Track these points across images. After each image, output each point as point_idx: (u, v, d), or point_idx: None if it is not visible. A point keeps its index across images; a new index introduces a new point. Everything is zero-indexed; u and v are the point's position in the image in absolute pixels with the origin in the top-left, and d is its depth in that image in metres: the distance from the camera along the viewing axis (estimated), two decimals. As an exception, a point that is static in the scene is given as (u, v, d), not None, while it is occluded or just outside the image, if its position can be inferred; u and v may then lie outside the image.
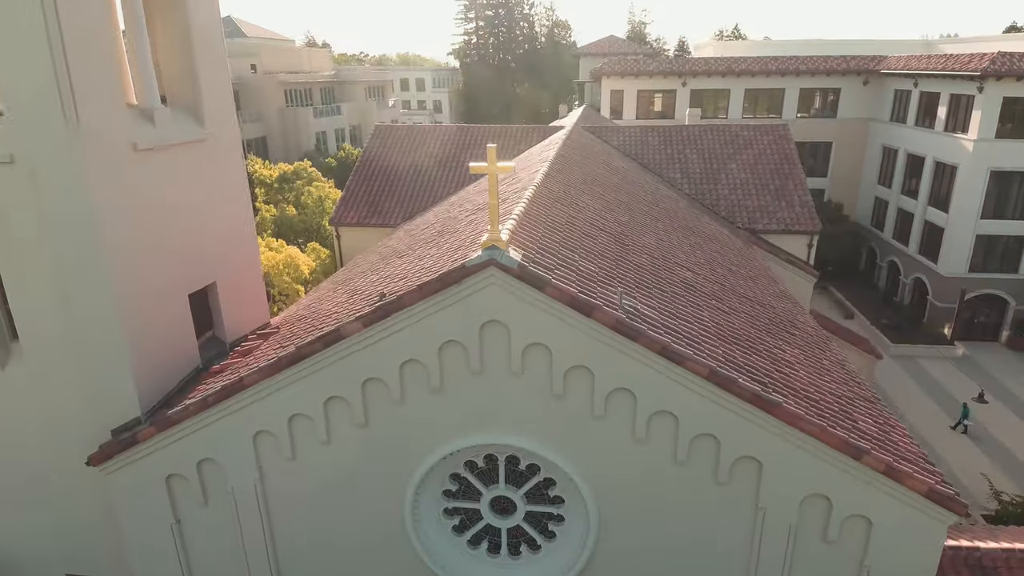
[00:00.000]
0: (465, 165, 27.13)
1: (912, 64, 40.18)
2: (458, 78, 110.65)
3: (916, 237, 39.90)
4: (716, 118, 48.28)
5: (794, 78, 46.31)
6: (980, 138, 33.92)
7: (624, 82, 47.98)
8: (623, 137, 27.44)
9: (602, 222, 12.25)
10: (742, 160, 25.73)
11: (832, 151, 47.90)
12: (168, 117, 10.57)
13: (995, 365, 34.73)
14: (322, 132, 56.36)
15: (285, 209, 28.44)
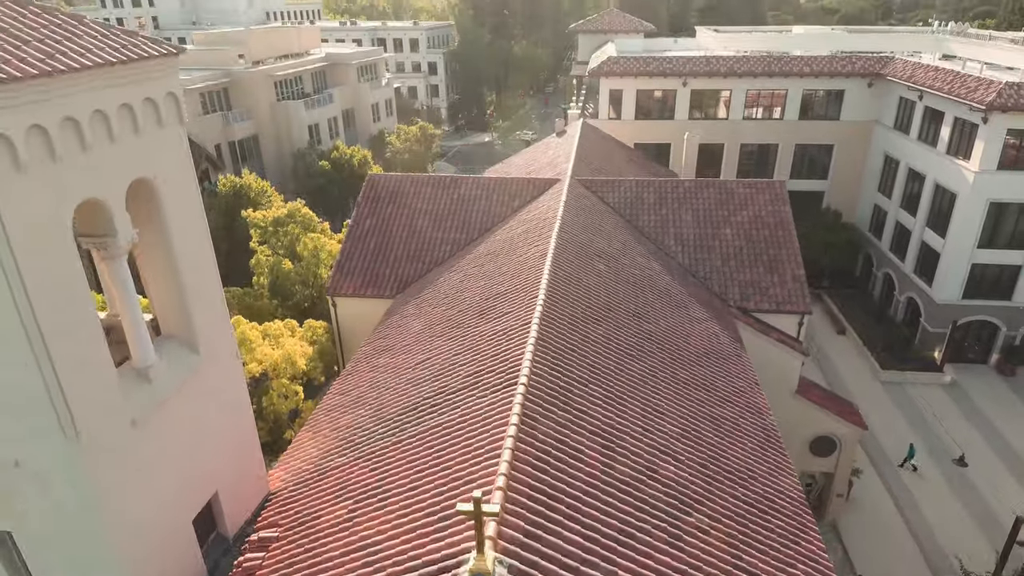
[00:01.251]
0: (459, 220, 27.04)
1: (918, 76, 39.20)
2: (453, 36, 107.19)
3: (913, 255, 39.94)
4: (716, 118, 47.44)
5: (797, 79, 45.15)
6: (982, 169, 33.53)
7: (623, 81, 46.76)
8: (619, 194, 27.16)
9: (589, 423, 12.54)
10: (737, 223, 25.62)
11: (834, 153, 47.22)
12: (163, 369, 10.71)
13: (983, 394, 35.49)
14: (315, 124, 55.23)
15: (280, 262, 28.40)
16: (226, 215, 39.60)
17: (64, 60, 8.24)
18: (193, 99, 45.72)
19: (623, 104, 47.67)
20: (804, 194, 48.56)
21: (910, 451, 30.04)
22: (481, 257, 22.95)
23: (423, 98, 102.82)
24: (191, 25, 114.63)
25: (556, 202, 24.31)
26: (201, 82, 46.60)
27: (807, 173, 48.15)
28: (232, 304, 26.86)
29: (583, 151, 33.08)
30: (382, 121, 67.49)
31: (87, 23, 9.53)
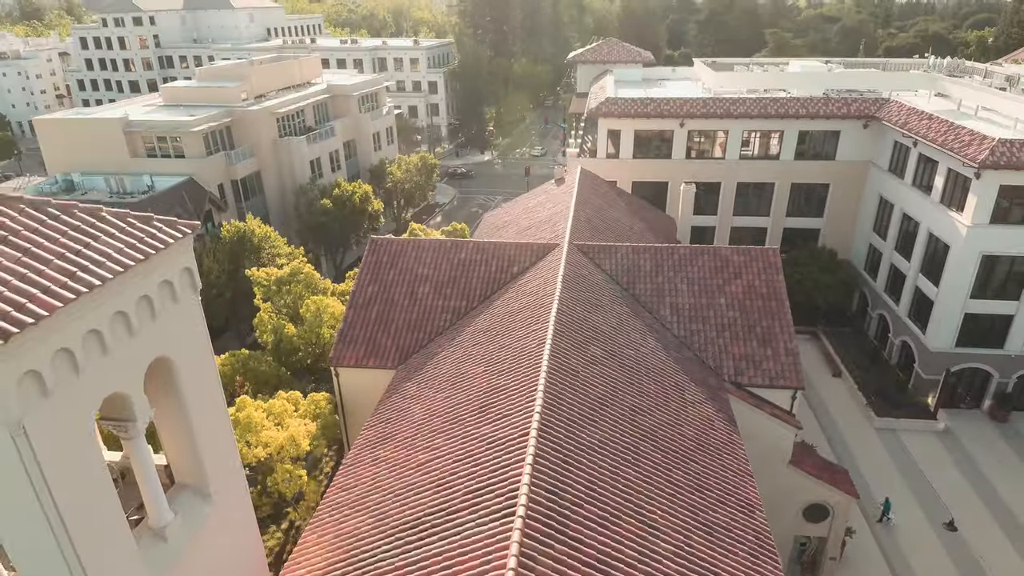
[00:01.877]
0: (460, 287, 27.57)
1: (912, 123, 39.73)
2: (453, 54, 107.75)
3: (907, 299, 40.46)
4: (713, 158, 47.98)
5: (793, 120, 45.68)
6: (975, 223, 34.05)
7: (621, 122, 47.31)
8: (616, 260, 27.68)
9: (584, 553, 13.06)
10: (731, 293, 26.14)
11: (829, 192, 47.76)
12: (178, 525, 11.21)
13: (975, 442, 36.00)
14: (316, 159, 55.76)
15: (284, 326, 28.93)
16: (230, 261, 40.20)
17: (86, 278, 8.76)
18: (197, 141, 46.28)
19: (621, 143, 48.23)
20: (800, 231, 49.27)
21: (886, 505, 30.66)
22: (481, 333, 23.48)
23: (423, 117, 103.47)
24: (192, 43, 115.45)
25: (554, 274, 24.85)
26: (206, 123, 47.12)
27: (803, 211, 48.70)
28: (237, 369, 27.39)
29: (581, 205, 33.62)
30: (383, 149, 68.01)
31: (104, 217, 10.05)
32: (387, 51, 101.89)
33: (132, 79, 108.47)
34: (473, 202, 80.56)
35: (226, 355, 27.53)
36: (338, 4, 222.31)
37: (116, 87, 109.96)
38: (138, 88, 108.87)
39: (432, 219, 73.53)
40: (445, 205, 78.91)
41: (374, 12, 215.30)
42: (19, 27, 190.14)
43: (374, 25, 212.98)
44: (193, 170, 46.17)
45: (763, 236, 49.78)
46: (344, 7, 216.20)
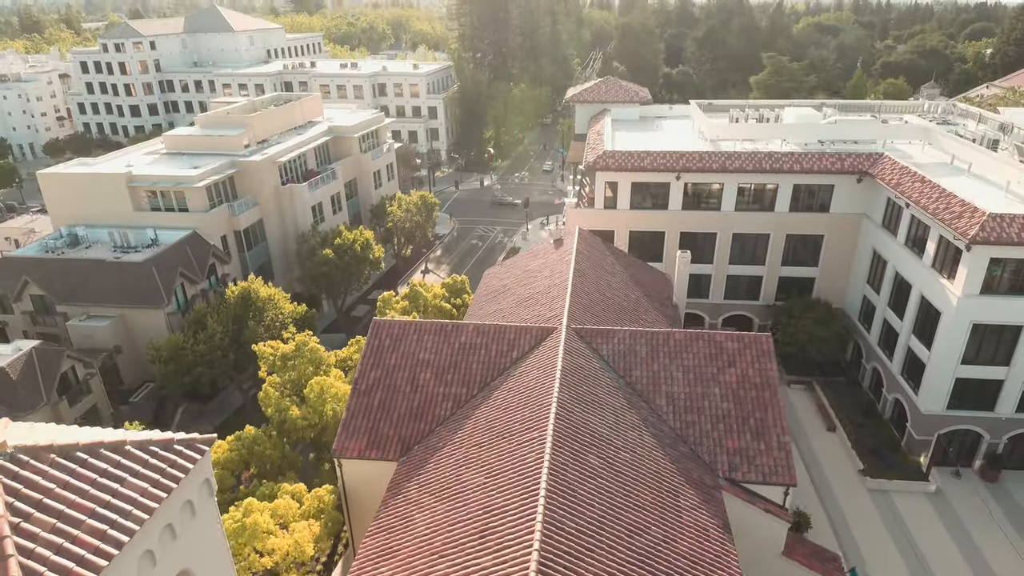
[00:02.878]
0: (460, 373, 28.20)
1: (905, 186, 40.38)
2: (453, 77, 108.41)
3: (899, 356, 41.13)
4: (709, 209, 48.64)
5: (788, 174, 46.38)
6: (966, 294, 34.71)
7: (618, 175, 48.00)
8: (612, 345, 28.33)
9: None
10: (725, 383, 26.79)
11: (824, 243, 48.44)
12: None
13: (966, 504, 36.67)
14: (318, 204, 56.40)
15: (288, 408, 29.57)
16: (234, 321, 40.80)
17: (117, 537, 9.39)
18: (200, 195, 46.91)
19: (618, 194, 48.94)
20: (795, 280, 49.98)
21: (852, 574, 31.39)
22: (481, 432, 24.10)
23: (423, 142, 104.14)
24: (192, 65, 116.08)
25: (552, 366, 25.51)
26: (209, 177, 47.75)
27: (798, 260, 49.40)
28: (243, 454, 28.01)
29: (579, 277, 34.26)
30: (383, 186, 68.68)
31: (128, 452, 10.65)
32: (387, 77, 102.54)
33: (133, 103, 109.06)
34: (472, 233, 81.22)
35: (232, 438, 28.16)
36: (338, 17, 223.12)
37: (117, 111, 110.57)
38: (139, 112, 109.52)
39: (432, 252, 74.24)
40: (444, 236, 79.57)
41: (373, 25, 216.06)
42: (19, 41, 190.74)
43: (373, 38, 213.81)
44: (196, 224, 46.80)
45: (759, 284, 50.53)
46: (344, 20, 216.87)
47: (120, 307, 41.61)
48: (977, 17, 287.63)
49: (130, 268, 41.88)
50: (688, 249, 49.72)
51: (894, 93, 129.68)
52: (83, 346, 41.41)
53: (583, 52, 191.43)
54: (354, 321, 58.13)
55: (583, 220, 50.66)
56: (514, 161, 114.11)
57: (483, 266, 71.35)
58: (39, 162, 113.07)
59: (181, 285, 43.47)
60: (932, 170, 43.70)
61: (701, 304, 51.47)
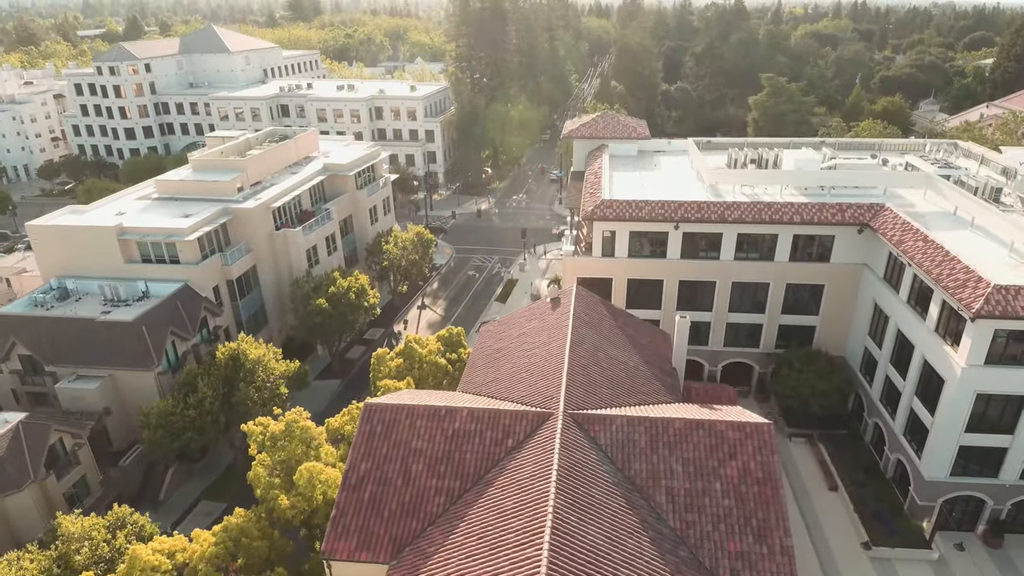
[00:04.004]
0: (454, 465, 27.50)
1: (907, 244, 39.71)
2: (450, 98, 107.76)
3: (902, 417, 40.48)
4: (708, 258, 48.00)
5: (788, 225, 45.76)
6: (970, 364, 34.06)
7: (616, 224, 47.38)
8: (611, 433, 27.66)
9: None
10: (727, 477, 26.10)
11: (824, 292, 47.82)
12: None
13: (969, 572, 36.01)
14: (312, 247, 55.67)
15: (277, 497, 28.86)
16: (225, 383, 40.10)
17: None
18: (192, 247, 46.20)
19: (616, 243, 48.33)
20: (796, 328, 49.35)
21: None
22: (475, 539, 23.41)
23: (420, 165, 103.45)
24: (188, 87, 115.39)
25: (549, 462, 24.85)
26: (201, 227, 47.06)
27: (799, 309, 48.79)
28: (229, 547, 27.31)
29: (576, 347, 33.59)
30: (380, 221, 68.02)
31: None
32: (384, 100, 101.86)
33: (128, 126, 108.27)
34: (469, 263, 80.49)
35: (218, 529, 27.47)
36: (335, 29, 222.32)
37: (112, 134, 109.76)
38: (134, 135, 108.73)
39: (429, 285, 73.52)
40: (442, 267, 78.84)
41: (371, 36, 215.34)
42: (15, 55, 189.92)
43: (371, 50, 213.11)
44: (188, 276, 46.10)
45: (759, 332, 49.92)
46: (341, 31, 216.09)
47: (109, 368, 40.86)
48: (976, 24, 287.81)
49: (119, 328, 41.14)
50: (687, 296, 49.79)
51: (893, 111, 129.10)
52: (72, 408, 40.70)
53: (581, 65, 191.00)
54: (349, 364, 57.41)
55: (581, 268, 50.12)
56: (512, 182, 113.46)
57: (480, 300, 70.72)
58: (33, 184, 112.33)
59: (172, 343, 42.75)
60: (934, 221, 43.19)
61: (700, 351, 50.84)
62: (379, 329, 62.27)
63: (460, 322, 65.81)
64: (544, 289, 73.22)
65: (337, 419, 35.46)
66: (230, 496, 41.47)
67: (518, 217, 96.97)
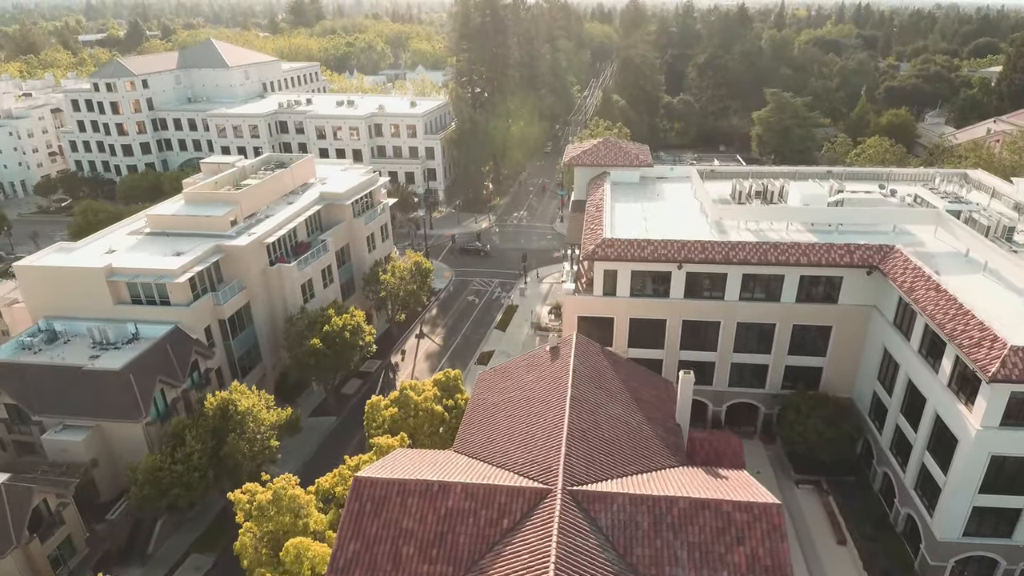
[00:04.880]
0: (447, 549, 26.31)
1: (919, 292, 38.38)
2: (451, 113, 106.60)
3: (913, 471, 39.20)
4: (712, 298, 46.77)
5: (794, 267, 44.51)
6: (985, 426, 32.79)
7: (618, 264, 46.17)
8: (612, 513, 26.40)
9: None
10: (734, 564, 24.86)
11: (832, 334, 46.57)
12: None
13: (984, 640, 34.76)
14: (308, 281, 54.52)
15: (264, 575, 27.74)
16: (214, 435, 38.96)
17: None
18: (183, 288, 45.08)
19: (618, 282, 47.13)
20: (802, 369, 48.08)
21: None
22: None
23: (420, 182, 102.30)
24: (187, 102, 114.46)
25: (547, 553, 23.66)
26: (192, 267, 45.93)
27: (805, 350, 47.52)
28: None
29: (577, 407, 32.43)
30: (377, 248, 66.86)
31: None
32: (383, 117, 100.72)
33: (125, 143, 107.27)
34: (469, 288, 79.26)
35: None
36: (336, 37, 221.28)
37: (109, 150, 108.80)
38: (131, 151, 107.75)
39: (427, 311, 72.33)
40: (441, 292, 77.65)
41: (372, 45, 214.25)
42: (14, 64, 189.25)
43: (372, 58, 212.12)
44: (178, 318, 44.97)
45: (764, 372, 48.69)
46: (343, 40, 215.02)
47: (97, 419, 39.75)
48: (981, 29, 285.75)
49: (106, 377, 40.01)
50: (691, 336, 48.55)
51: (899, 124, 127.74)
52: (58, 460, 39.60)
53: (584, 74, 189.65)
54: (344, 399, 56.24)
55: (581, 307, 48.91)
56: (513, 198, 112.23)
57: (480, 328, 69.46)
58: (30, 201, 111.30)
59: (161, 390, 41.63)
60: (946, 264, 41.94)
61: (704, 391, 49.60)
62: (376, 361, 61.10)
63: (459, 352, 64.63)
64: (544, 316, 72.06)
65: (328, 479, 34.29)
66: (220, 548, 40.38)
67: (519, 236, 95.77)
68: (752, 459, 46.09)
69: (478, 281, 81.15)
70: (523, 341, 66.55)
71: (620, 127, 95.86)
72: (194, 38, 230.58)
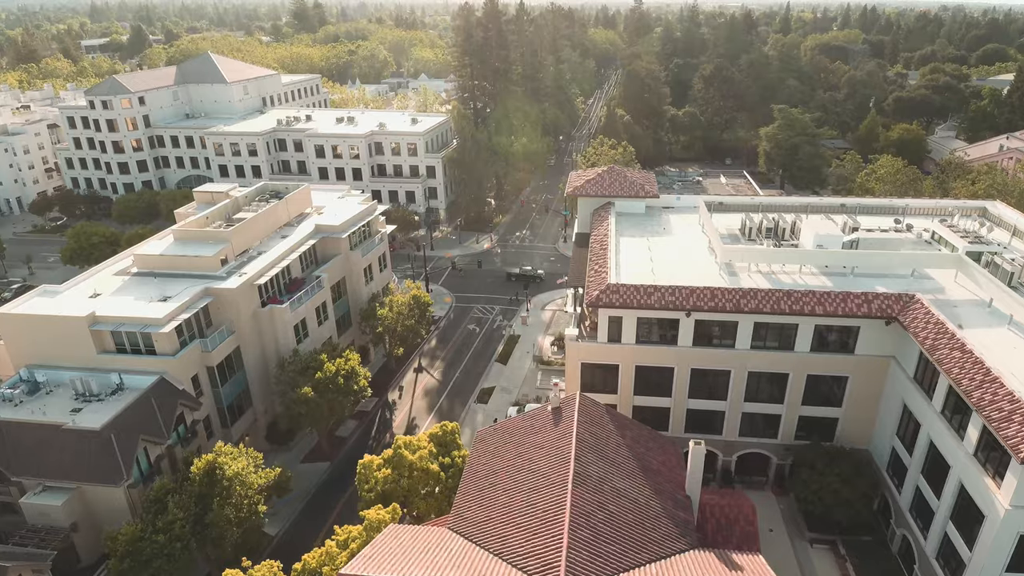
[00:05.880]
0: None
1: (942, 352, 36.17)
2: (452, 130, 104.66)
3: (934, 540, 37.08)
4: (722, 347, 44.72)
5: (809, 316, 42.42)
6: (1014, 506, 30.67)
7: (623, 311, 44.15)
8: (617, 620, 24.46)
9: None
10: None
11: (848, 385, 44.48)
12: None
13: None
14: (301, 321, 52.63)
15: None
16: (197, 503, 37.02)
17: None
18: (169, 338, 43.23)
19: (624, 329, 45.12)
20: (817, 420, 46.00)
21: None
22: None
23: (421, 201, 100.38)
24: (184, 118, 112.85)
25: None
26: (179, 314, 44.07)
27: (820, 400, 45.44)
28: None
29: (580, 483, 30.46)
30: (375, 280, 64.97)
31: None
32: (383, 136, 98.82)
33: (122, 160, 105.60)
34: (469, 315, 77.29)
35: None
36: (339, 45, 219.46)
37: (105, 168, 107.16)
38: (128, 169, 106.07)
39: (426, 343, 70.34)
40: (440, 320, 75.70)
41: (374, 53, 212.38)
42: (14, 73, 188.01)
43: (375, 66, 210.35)
44: (164, 368, 43.13)
45: (777, 422, 46.65)
46: (345, 48, 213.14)
47: (77, 481, 37.91)
48: (989, 34, 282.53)
49: (87, 437, 38.14)
50: (700, 384, 46.45)
51: (909, 139, 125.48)
52: (37, 523, 37.79)
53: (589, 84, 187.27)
54: (340, 442, 54.32)
55: (585, 354, 46.87)
56: (515, 216, 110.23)
57: (480, 361, 67.40)
58: (26, 219, 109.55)
59: (144, 449, 39.78)
60: (969, 316, 39.89)
61: (714, 441, 47.56)
62: (373, 399, 59.17)
63: (458, 388, 62.66)
64: (547, 348, 70.08)
65: (314, 556, 32.33)
66: (205, 616, 38.58)
67: (521, 258, 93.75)
68: (764, 514, 44.01)
69: (479, 307, 79.17)
70: (525, 376, 64.62)
71: (625, 146, 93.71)
72: (195, 46, 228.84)
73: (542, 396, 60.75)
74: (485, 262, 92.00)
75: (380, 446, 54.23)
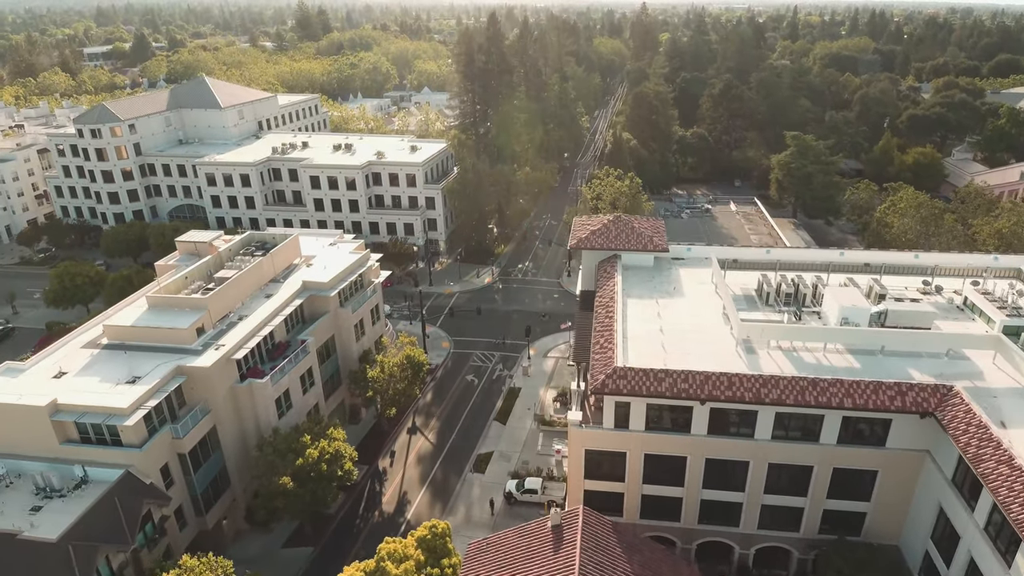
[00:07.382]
0: None
1: (986, 464, 32.28)
2: (452, 156, 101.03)
3: (980, 672, 33.19)
4: (740, 436, 40.90)
5: (837, 410, 38.56)
6: (1080, 664, 26.83)
7: (632, 398, 40.39)
8: None
9: None
10: None
11: (877, 479, 40.59)
12: None
13: None
14: (284, 393, 49.02)
15: None
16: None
17: None
18: (136, 430, 39.67)
19: (631, 415, 41.34)
20: (842, 514, 42.14)
21: None
22: None
23: (419, 233, 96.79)
24: (177, 144, 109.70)
25: None
26: (148, 401, 40.54)
27: (847, 494, 41.57)
28: None
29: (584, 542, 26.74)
30: (367, 334, 61.35)
31: None
32: (381, 166, 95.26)
33: (112, 190, 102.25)
34: (468, 364, 73.53)
35: None
36: (341, 58, 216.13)
37: (95, 197, 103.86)
38: (118, 199, 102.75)
39: (422, 397, 66.63)
40: (437, 370, 71.95)
41: (377, 66, 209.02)
42: (11, 88, 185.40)
43: (376, 78, 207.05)
44: (130, 461, 39.60)
45: (799, 516, 42.77)
46: (346, 61, 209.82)
47: (28, 600, 34.43)
48: (1001, 43, 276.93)
49: (43, 550, 34.62)
50: (715, 474, 42.51)
51: (925, 163, 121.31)
52: (-16, 647, 34.31)
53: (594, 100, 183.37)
54: (324, 522, 50.55)
55: (589, 440, 43.14)
56: (517, 246, 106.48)
57: (478, 419, 63.59)
58: (13, 251, 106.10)
59: (106, 557, 36.24)
60: (1011, 408, 36.17)
61: (731, 534, 43.84)
62: (363, 467, 55.53)
63: (454, 453, 58.93)
64: (549, 405, 66.34)
65: None
66: None
67: (523, 295, 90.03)
68: (785, 617, 40.32)
69: (478, 355, 75.38)
70: (525, 440, 60.87)
71: (631, 177, 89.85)
72: (196, 57, 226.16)
73: (543, 465, 57.00)
74: (485, 301, 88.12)
75: (368, 526, 50.66)
